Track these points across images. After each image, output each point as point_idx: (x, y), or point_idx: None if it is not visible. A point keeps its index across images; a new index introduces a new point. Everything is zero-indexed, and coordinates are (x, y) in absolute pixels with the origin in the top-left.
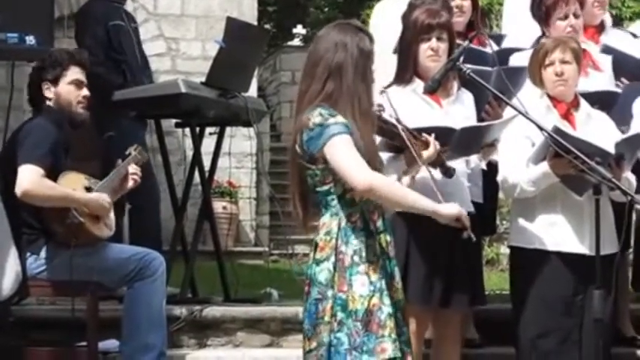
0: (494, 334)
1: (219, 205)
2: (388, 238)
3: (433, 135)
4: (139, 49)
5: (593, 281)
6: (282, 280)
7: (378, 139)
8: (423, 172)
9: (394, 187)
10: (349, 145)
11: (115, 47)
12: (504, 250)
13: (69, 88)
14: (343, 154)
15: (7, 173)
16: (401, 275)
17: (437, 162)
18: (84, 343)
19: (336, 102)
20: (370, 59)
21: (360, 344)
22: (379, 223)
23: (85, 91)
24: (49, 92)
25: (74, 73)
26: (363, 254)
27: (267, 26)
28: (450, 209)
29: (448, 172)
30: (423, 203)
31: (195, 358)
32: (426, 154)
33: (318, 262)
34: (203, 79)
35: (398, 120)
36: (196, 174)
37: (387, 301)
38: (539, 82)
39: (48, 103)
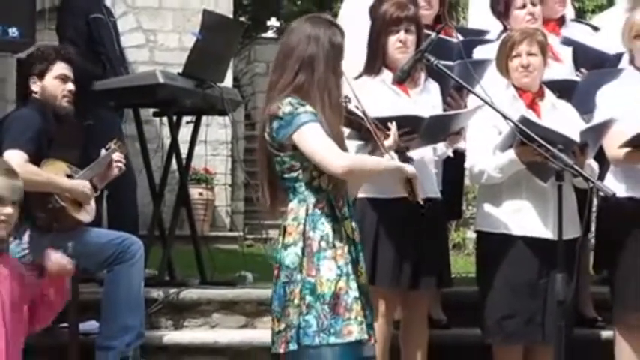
0: (460, 316)
1: (195, 192)
2: (354, 224)
3: (394, 125)
4: (117, 42)
5: (556, 265)
6: (256, 264)
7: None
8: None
9: (364, 160)
10: (320, 133)
11: (95, 39)
12: (470, 234)
13: (55, 82)
14: (316, 141)
15: None
16: (370, 259)
17: (398, 150)
18: (65, 324)
19: (306, 93)
20: (341, 53)
21: (328, 326)
22: (345, 210)
23: (71, 86)
24: (35, 86)
25: (60, 68)
26: (330, 239)
27: (242, 19)
28: (411, 168)
29: (407, 159)
30: (390, 164)
31: (173, 338)
32: (386, 143)
33: (286, 247)
34: (180, 70)
35: (364, 112)
36: (173, 161)
37: (353, 285)
38: (505, 72)
39: (34, 95)
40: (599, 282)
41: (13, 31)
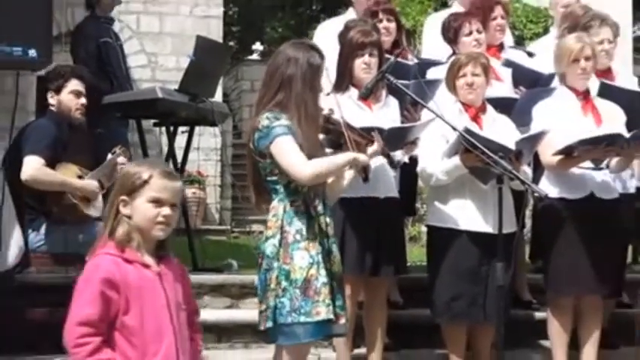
0: (414, 298)
1: (189, 191)
2: (328, 220)
3: (377, 134)
4: (124, 62)
5: (496, 255)
6: (241, 253)
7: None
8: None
9: (322, 162)
10: (291, 144)
11: (104, 60)
12: (424, 228)
13: (69, 97)
14: (286, 152)
15: (13, 163)
16: (339, 249)
17: (383, 154)
18: None
19: (285, 107)
20: (319, 72)
21: (299, 307)
22: (319, 208)
23: (83, 100)
24: (52, 99)
25: (74, 84)
26: (304, 233)
27: (231, 43)
28: (363, 156)
29: (393, 163)
30: (344, 157)
31: None
32: (371, 149)
33: (266, 239)
34: (177, 87)
35: (346, 123)
36: (170, 165)
37: (322, 272)
38: (453, 90)
39: (51, 107)
40: (534, 270)
41: (32, 52)
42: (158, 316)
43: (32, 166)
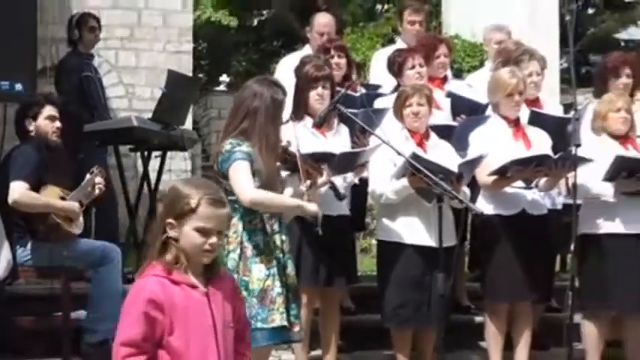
0: (365, 305)
1: None
2: (283, 237)
3: (327, 167)
4: (103, 94)
5: (438, 266)
6: None
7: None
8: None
9: (273, 198)
10: (244, 170)
11: (86, 93)
12: (374, 241)
13: (45, 122)
14: (238, 174)
15: (1, 187)
16: (295, 263)
17: (331, 186)
18: (60, 313)
19: (249, 136)
20: (281, 107)
21: (256, 315)
22: (275, 226)
23: (58, 123)
24: (30, 126)
25: (48, 110)
26: (261, 248)
27: (200, 75)
28: (312, 207)
29: (338, 196)
30: (292, 202)
31: None
32: (320, 180)
33: (228, 253)
34: (150, 116)
35: (301, 155)
36: (145, 186)
37: (277, 284)
38: (400, 118)
39: (30, 133)
40: (472, 279)
41: (19, 86)
42: (204, 338)
43: (17, 191)
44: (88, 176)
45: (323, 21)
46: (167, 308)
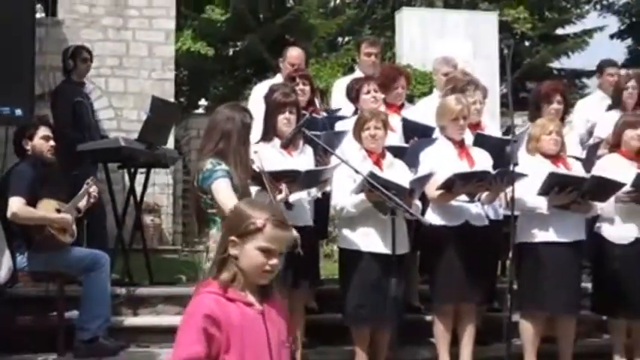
0: (328, 305)
1: (147, 218)
2: None
3: (285, 186)
4: (94, 117)
5: (392, 272)
6: (189, 269)
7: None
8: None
9: None
10: (227, 186)
11: (78, 116)
12: (336, 248)
13: (41, 142)
14: (222, 191)
15: (2, 202)
16: None
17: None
18: (55, 313)
19: (225, 156)
20: (249, 129)
21: None
22: None
23: (52, 142)
24: (27, 145)
25: (43, 130)
26: None
27: (181, 99)
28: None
29: (289, 207)
30: None
31: (130, 322)
32: (279, 197)
33: (207, 261)
34: (137, 137)
35: (263, 171)
36: (131, 198)
37: None
38: (359, 139)
39: (27, 152)
40: (422, 282)
41: (18, 111)
42: (259, 356)
43: (15, 206)
44: (84, 186)
45: (294, 54)
46: (224, 325)
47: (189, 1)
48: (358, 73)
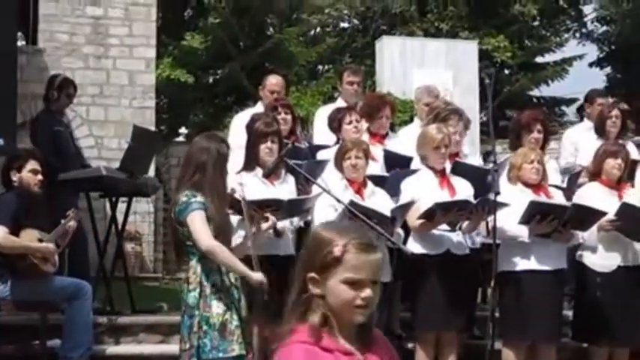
0: None
1: (129, 246)
2: (236, 275)
3: (272, 216)
4: (74, 145)
5: None
6: (170, 297)
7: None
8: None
9: (225, 254)
10: (202, 219)
11: (57, 145)
12: None
13: (29, 175)
14: (196, 224)
15: None
16: (249, 300)
17: (274, 230)
18: (37, 342)
19: (201, 188)
20: (226, 159)
21: (218, 345)
22: None
23: (40, 176)
24: (14, 177)
25: (32, 164)
26: (218, 286)
27: (162, 127)
28: (257, 277)
29: (278, 234)
30: (240, 268)
31: (112, 351)
32: (265, 225)
33: (189, 292)
34: (118, 166)
35: (244, 199)
36: (113, 227)
37: (235, 317)
38: (340, 169)
39: (14, 183)
40: (404, 310)
41: (0, 141)
42: None
43: None
44: (62, 221)
45: (274, 81)
46: None
47: (169, 29)
48: (340, 102)
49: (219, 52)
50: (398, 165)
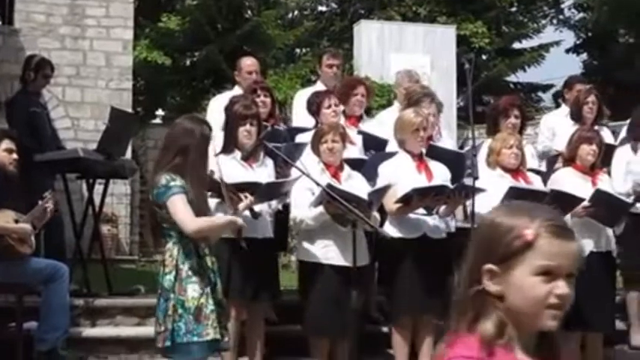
0: (287, 316)
1: (105, 228)
2: (213, 258)
3: (249, 195)
4: (50, 126)
5: (352, 283)
6: (147, 279)
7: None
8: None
9: (208, 222)
10: (183, 202)
11: (34, 126)
12: (293, 258)
13: (3, 154)
14: (179, 209)
15: None
16: (226, 280)
17: (251, 210)
18: (13, 324)
19: (181, 171)
20: (208, 142)
21: (192, 329)
22: (206, 250)
23: (15, 155)
24: None
25: (7, 143)
26: (195, 270)
27: (138, 109)
28: (240, 220)
29: (255, 215)
30: (225, 219)
31: (89, 334)
32: (242, 205)
33: (164, 275)
34: (95, 147)
35: (224, 182)
36: (90, 208)
37: (210, 301)
38: (317, 152)
39: None
40: (380, 293)
41: None
42: None
43: None
44: (39, 202)
45: (249, 62)
46: None
47: (146, 10)
48: (319, 85)
49: (196, 34)
50: (373, 147)
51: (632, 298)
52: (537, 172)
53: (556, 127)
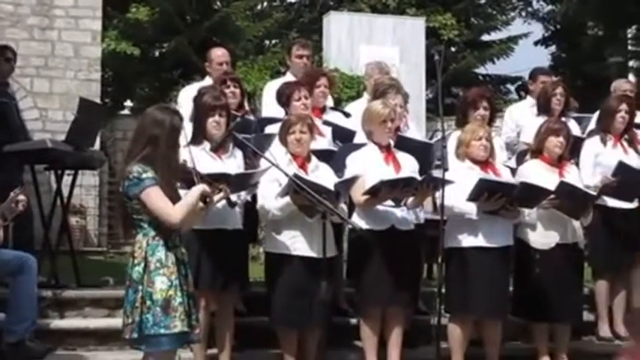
0: (255, 308)
1: (73, 220)
2: (183, 250)
3: (225, 186)
4: (19, 117)
5: (320, 274)
6: (115, 271)
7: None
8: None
9: (182, 204)
10: (160, 194)
11: (2, 117)
12: (262, 250)
13: None
14: (157, 201)
15: None
16: (195, 271)
17: (228, 200)
18: None
19: (151, 162)
20: (179, 133)
21: (160, 322)
22: (176, 241)
23: None
24: None
25: None
26: (163, 262)
27: (107, 100)
28: (205, 187)
29: (231, 204)
30: (194, 192)
31: (57, 325)
32: (218, 196)
33: (133, 266)
34: (63, 138)
35: (197, 172)
36: (58, 200)
37: (179, 293)
38: (285, 143)
39: None
40: (349, 285)
41: None
42: None
43: None
44: (11, 194)
45: (219, 53)
46: None
47: (114, 1)
48: (289, 76)
49: (165, 25)
50: (340, 138)
51: (600, 289)
52: (510, 168)
53: (520, 119)
